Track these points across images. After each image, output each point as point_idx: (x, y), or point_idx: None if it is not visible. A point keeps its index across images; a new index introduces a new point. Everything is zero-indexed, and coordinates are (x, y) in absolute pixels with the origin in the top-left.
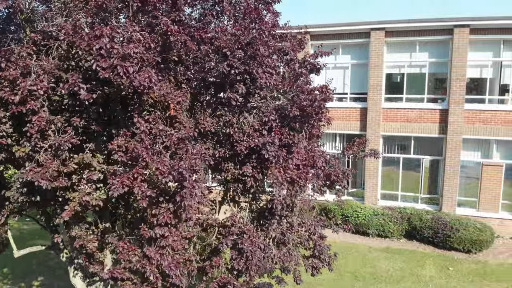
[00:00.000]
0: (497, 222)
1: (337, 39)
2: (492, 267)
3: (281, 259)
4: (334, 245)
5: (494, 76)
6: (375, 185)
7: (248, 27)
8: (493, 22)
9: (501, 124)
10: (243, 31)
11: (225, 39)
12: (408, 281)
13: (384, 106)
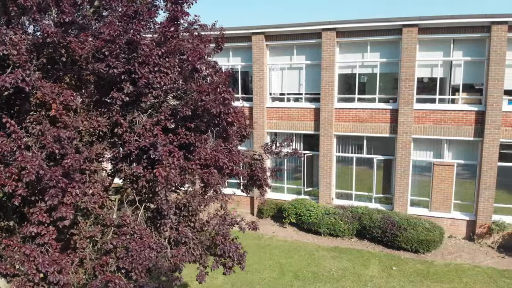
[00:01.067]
0: (449, 222)
1: (292, 40)
2: (437, 268)
3: (178, 258)
4: (284, 244)
5: (445, 75)
6: (329, 184)
7: (126, 27)
8: (442, 21)
9: (451, 124)
10: (120, 31)
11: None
12: (348, 280)
13: (337, 106)
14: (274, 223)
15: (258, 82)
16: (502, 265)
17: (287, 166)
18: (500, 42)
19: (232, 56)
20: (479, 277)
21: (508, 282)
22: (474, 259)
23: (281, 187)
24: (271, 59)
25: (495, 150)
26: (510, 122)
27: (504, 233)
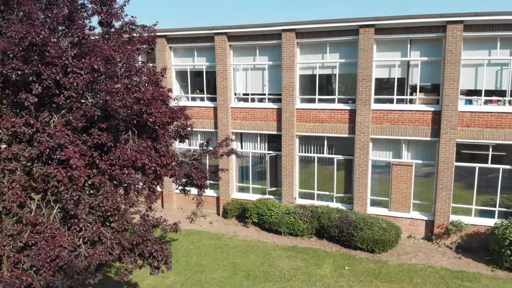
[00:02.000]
0: (408, 222)
1: (254, 40)
2: (390, 268)
3: (94, 258)
4: (243, 243)
5: (402, 76)
6: (291, 184)
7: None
8: (398, 21)
9: (408, 124)
10: (24, 34)
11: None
12: (298, 280)
13: (298, 107)
14: (238, 223)
15: (221, 82)
16: (457, 266)
17: (253, 166)
18: (456, 41)
19: (197, 56)
20: (430, 277)
21: (459, 283)
22: (429, 259)
23: (247, 187)
24: (235, 60)
25: (451, 150)
26: (467, 122)
27: (462, 234)
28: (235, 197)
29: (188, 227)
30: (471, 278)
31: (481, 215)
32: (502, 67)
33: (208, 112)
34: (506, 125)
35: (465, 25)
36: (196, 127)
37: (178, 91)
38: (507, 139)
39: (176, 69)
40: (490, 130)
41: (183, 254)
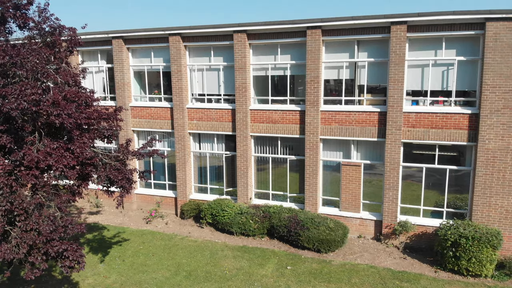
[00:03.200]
0: (358, 222)
1: (208, 41)
2: (332, 268)
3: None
4: (193, 244)
5: (351, 77)
6: (246, 184)
7: None
8: (344, 22)
9: (356, 125)
10: None
11: None
12: (238, 280)
13: (252, 107)
14: (194, 223)
15: (177, 83)
16: (400, 267)
17: (211, 167)
18: (399, 42)
19: (154, 57)
20: (370, 278)
21: (397, 284)
22: (374, 259)
23: (205, 188)
24: (191, 60)
25: (397, 151)
26: (412, 122)
27: (410, 234)
28: (193, 197)
29: (144, 227)
30: (411, 279)
31: (432, 216)
32: (448, 67)
33: (165, 112)
34: (451, 125)
35: (409, 25)
36: (154, 128)
37: (138, 91)
38: (452, 140)
39: (135, 70)
40: (435, 131)
41: (131, 254)
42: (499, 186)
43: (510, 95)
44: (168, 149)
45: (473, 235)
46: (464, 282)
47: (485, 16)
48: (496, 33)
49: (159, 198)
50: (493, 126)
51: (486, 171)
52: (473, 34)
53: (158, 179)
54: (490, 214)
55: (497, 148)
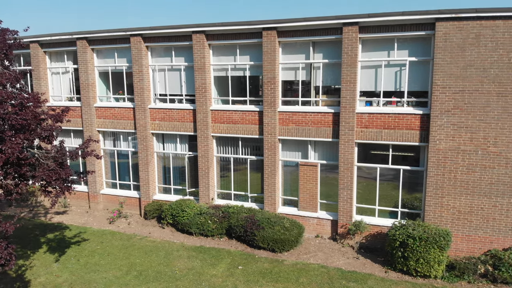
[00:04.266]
0: (315, 222)
1: (169, 42)
2: (283, 267)
3: None
4: (151, 244)
5: (307, 78)
6: (207, 184)
7: None
8: (299, 23)
9: (312, 125)
10: None
11: None
12: (186, 280)
13: (213, 108)
14: (156, 224)
15: (138, 83)
16: (351, 267)
17: (174, 167)
18: (351, 43)
19: (117, 58)
20: (318, 278)
21: (344, 283)
22: (327, 259)
23: (169, 188)
24: (153, 60)
25: (350, 151)
26: (365, 123)
27: (365, 234)
28: (157, 198)
29: (106, 227)
30: (359, 279)
31: (390, 216)
32: (401, 68)
33: (128, 113)
34: (404, 126)
35: (360, 26)
36: (117, 128)
37: (104, 92)
38: (405, 140)
39: (99, 70)
40: (388, 131)
41: (87, 254)
42: (450, 187)
43: (460, 95)
44: (132, 149)
45: (420, 236)
46: (412, 283)
47: (434, 16)
48: (445, 33)
49: (124, 198)
50: (444, 127)
51: (437, 171)
52: (424, 34)
53: (124, 180)
54: (443, 215)
55: (448, 148)
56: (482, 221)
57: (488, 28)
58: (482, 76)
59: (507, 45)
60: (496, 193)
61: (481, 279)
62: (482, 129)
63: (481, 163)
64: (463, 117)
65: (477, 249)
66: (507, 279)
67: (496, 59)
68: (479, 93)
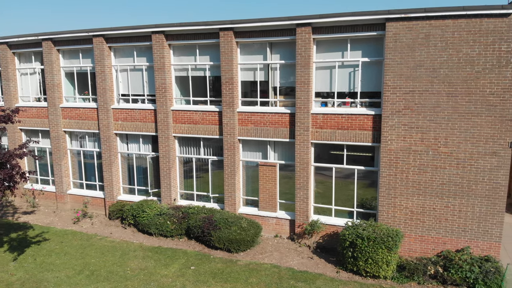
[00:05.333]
0: (275, 222)
1: (130, 42)
2: (236, 267)
3: None
4: (109, 244)
5: (265, 79)
6: (169, 185)
7: None
8: (254, 24)
9: (270, 126)
10: None
11: None
12: (136, 280)
13: (174, 108)
14: (120, 224)
15: (101, 84)
16: (304, 266)
17: (138, 167)
18: (305, 44)
19: (82, 58)
20: (268, 278)
21: (292, 283)
22: (282, 259)
23: (133, 189)
24: (117, 61)
25: (306, 151)
26: (320, 124)
27: (322, 234)
28: (121, 198)
29: (69, 227)
30: (309, 279)
31: (349, 216)
32: (354, 69)
33: (93, 113)
34: (357, 126)
35: (313, 27)
36: (83, 128)
37: (71, 92)
38: (358, 141)
39: (66, 71)
40: (342, 132)
41: (45, 253)
42: (403, 187)
43: (410, 96)
44: (98, 149)
45: (368, 236)
46: (361, 283)
47: (384, 16)
48: (395, 34)
49: (89, 198)
50: (395, 127)
51: (389, 171)
52: (376, 35)
53: (90, 180)
54: (396, 215)
55: (399, 149)
56: (435, 222)
57: (438, 28)
58: (432, 76)
59: (457, 44)
60: (448, 194)
61: (431, 280)
62: (432, 130)
63: (432, 163)
64: (414, 117)
65: (430, 250)
66: (457, 281)
67: (445, 59)
68: (429, 93)
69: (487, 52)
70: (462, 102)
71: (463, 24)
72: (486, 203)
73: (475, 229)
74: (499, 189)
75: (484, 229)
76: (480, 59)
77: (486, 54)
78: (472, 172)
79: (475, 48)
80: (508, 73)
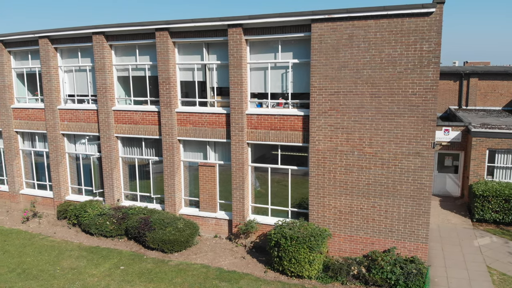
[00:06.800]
0: (214, 222)
1: (74, 43)
2: (165, 268)
3: None
4: (49, 244)
5: (203, 79)
6: (112, 185)
7: None
8: (189, 24)
9: (207, 126)
10: None
11: None
12: (63, 278)
13: (115, 108)
14: (66, 224)
15: (46, 84)
16: (234, 266)
17: (84, 168)
18: (236, 45)
19: (31, 59)
20: (194, 278)
21: (215, 283)
22: (214, 259)
23: (81, 189)
24: (63, 61)
25: (241, 151)
26: (254, 124)
27: (259, 233)
28: (69, 198)
29: (17, 227)
30: (234, 278)
31: (286, 215)
32: (286, 70)
33: (41, 114)
34: (288, 127)
35: (244, 28)
36: (32, 129)
37: (24, 93)
38: (290, 141)
39: (17, 72)
40: (275, 132)
41: None
42: (331, 187)
43: (335, 97)
44: (47, 150)
45: (291, 236)
46: (284, 283)
47: (310, 17)
48: (320, 35)
49: (40, 198)
50: (322, 128)
51: (318, 171)
52: (304, 36)
53: (41, 180)
54: (325, 215)
55: (326, 149)
56: (362, 222)
57: (361, 29)
58: (355, 77)
59: (379, 45)
60: (374, 194)
61: (354, 281)
62: (357, 130)
63: (358, 163)
64: (339, 118)
65: (359, 250)
66: (378, 282)
67: (368, 59)
68: (354, 94)
69: (409, 52)
70: (385, 103)
71: (385, 24)
72: (411, 203)
73: (401, 230)
74: (423, 190)
75: (410, 230)
76: (402, 59)
77: (408, 54)
78: (397, 173)
79: (397, 48)
80: (430, 73)
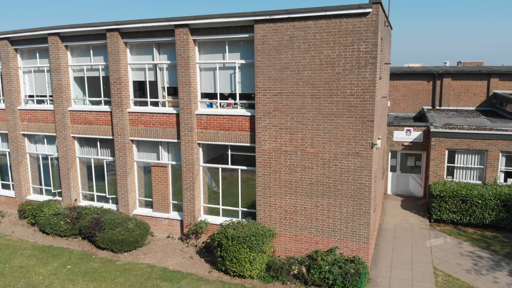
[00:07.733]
0: (167, 222)
1: (33, 44)
2: (112, 267)
3: None
4: (5, 242)
5: (154, 79)
6: (69, 185)
7: None
8: (139, 25)
9: (158, 126)
10: None
11: None
12: (10, 276)
13: (71, 108)
14: (26, 223)
15: (7, 85)
16: (180, 266)
17: (44, 168)
18: (183, 45)
19: None
20: (136, 277)
21: (156, 283)
22: (162, 259)
23: (41, 189)
24: (23, 62)
25: (191, 152)
26: (204, 124)
27: (210, 233)
28: (30, 198)
29: None
30: (176, 278)
31: (236, 215)
32: (234, 71)
33: (2, 114)
34: (236, 127)
35: (191, 28)
36: None
37: None
38: (238, 141)
39: None
40: (223, 132)
41: None
42: (276, 187)
43: (279, 97)
44: (8, 150)
45: (232, 235)
46: (226, 283)
47: (252, 18)
48: (263, 36)
49: (5, 198)
50: (267, 128)
51: (264, 171)
52: (248, 37)
53: (5, 180)
54: (272, 214)
55: (271, 149)
56: (306, 221)
57: (301, 30)
58: (297, 78)
59: (318, 46)
60: (317, 193)
61: (294, 280)
62: (299, 131)
63: (301, 163)
64: (283, 118)
65: (304, 249)
66: (316, 282)
67: (308, 60)
68: (295, 95)
69: (346, 53)
70: (325, 104)
71: (324, 25)
72: (352, 203)
73: (343, 230)
74: (363, 190)
75: (352, 229)
76: (341, 60)
77: (346, 55)
78: (337, 172)
79: (335, 49)
80: (367, 73)
